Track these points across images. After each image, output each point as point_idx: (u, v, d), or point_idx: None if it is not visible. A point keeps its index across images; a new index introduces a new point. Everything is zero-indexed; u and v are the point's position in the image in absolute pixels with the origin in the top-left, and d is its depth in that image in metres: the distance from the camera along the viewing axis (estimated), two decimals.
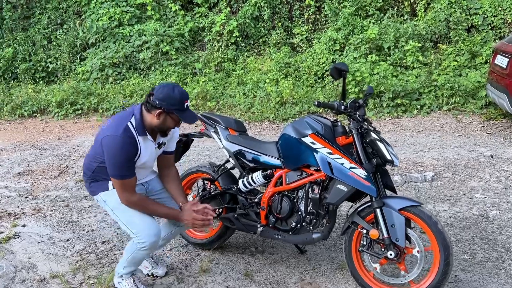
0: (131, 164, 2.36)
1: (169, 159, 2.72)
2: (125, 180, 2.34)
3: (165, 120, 2.37)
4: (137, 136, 2.36)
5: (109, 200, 2.48)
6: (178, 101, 2.32)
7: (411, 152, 5.11)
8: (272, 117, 7.22)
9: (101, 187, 2.50)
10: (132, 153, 2.35)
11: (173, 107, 2.31)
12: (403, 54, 7.81)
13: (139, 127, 2.37)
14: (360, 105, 2.53)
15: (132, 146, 2.34)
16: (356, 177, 2.34)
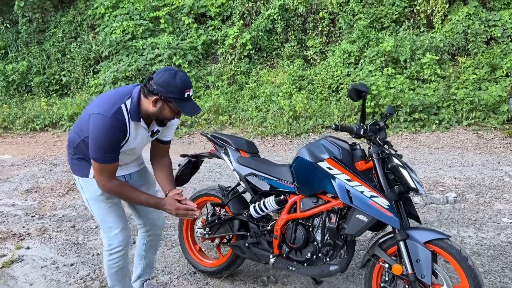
0: (115, 149, 2.15)
1: (163, 148, 2.51)
2: (106, 164, 2.14)
3: (162, 108, 2.13)
4: (129, 120, 2.14)
5: (86, 188, 2.31)
6: (179, 89, 2.07)
7: (430, 171, 4.88)
8: (285, 131, 7.06)
9: (81, 171, 2.30)
10: (118, 138, 2.14)
11: (171, 95, 2.07)
12: (420, 67, 7.61)
13: (133, 111, 2.15)
14: (381, 127, 2.35)
15: (120, 130, 2.12)
16: (377, 207, 2.15)
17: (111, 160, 2.14)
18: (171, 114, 2.16)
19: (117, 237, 2.32)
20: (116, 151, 2.16)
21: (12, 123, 8.33)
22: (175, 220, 3.95)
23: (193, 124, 7.79)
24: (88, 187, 2.29)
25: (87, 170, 2.27)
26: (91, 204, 2.33)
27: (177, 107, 2.10)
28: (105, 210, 2.32)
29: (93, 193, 2.28)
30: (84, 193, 2.33)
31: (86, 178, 2.28)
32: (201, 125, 7.77)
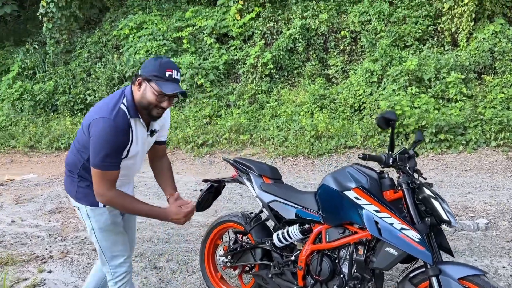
0: (118, 155, 2.06)
1: (161, 149, 2.47)
2: (108, 171, 2.03)
3: (145, 91, 2.05)
4: (129, 118, 2.07)
5: (95, 218, 2.21)
6: (158, 67, 2.02)
7: (459, 195, 4.71)
8: (307, 151, 6.97)
9: (89, 200, 2.19)
10: (123, 142, 2.06)
11: (152, 73, 2.02)
12: (445, 86, 7.45)
13: (131, 107, 2.08)
14: (410, 156, 2.27)
15: (125, 133, 2.05)
16: (408, 240, 2.05)
17: (113, 167, 2.05)
18: (153, 96, 2.05)
19: (122, 265, 2.28)
20: (119, 156, 2.07)
21: (38, 142, 8.50)
22: (195, 244, 3.90)
23: (214, 144, 7.79)
24: (97, 217, 2.21)
25: (95, 198, 2.15)
26: (99, 234, 2.23)
27: (157, 86, 2.02)
28: (113, 239, 2.25)
29: (103, 222, 2.21)
30: (92, 223, 2.23)
31: (95, 207, 2.20)
32: (222, 144, 7.76)
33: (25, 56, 11.20)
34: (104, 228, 2.22)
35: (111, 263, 2.28)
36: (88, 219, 2.23)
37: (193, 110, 8.79)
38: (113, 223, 2.24)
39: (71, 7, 10.79)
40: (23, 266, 3.61)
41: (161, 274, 3.39)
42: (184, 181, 6.14)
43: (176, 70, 2.07)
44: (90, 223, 2.23)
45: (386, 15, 9.00)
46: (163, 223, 4.51)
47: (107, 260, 2.28)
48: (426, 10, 8.79)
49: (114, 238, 2.26)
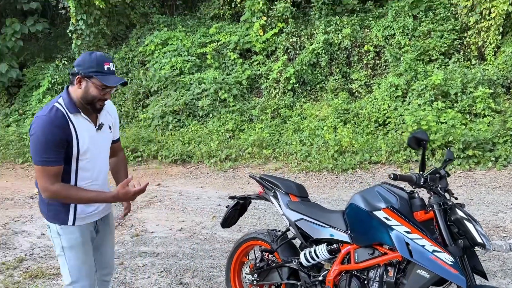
0: (56, 149, 2.06)
1: (117, 146, 2.51)
2: (47, 166, 2.05)
3: (87, 87, 2.10)
4: (68, 114, 2.11)
5: (65, 236, 2.20)
6: (95, 63, 2.09)
7: (489, 213, 4.59)
8: (331, 167, 6.93)
9: (59, 218, 2.20)
10: (58, 135, 2.06)
11: (90, 69, 2.08)
12: (472, 101, 7.32)
13: (68, 104, 2.12)
14: (442, 176, 2.23)
15: (59, 127, 2.06)
16: (440, 263, 2.01)
17: (53, 162, 2.06)
18: (97, 90, 2.11)
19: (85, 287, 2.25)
20: (57, 151, 2.07)
21: None
22: (220, 260, 3.91)
23: (237, 158, 7.82)
24: (68, 235, 2.21)
25: (65, 216, 2.19)
26: (68, 254, 2.22)
27: (99, 80, 2.09)
28: (83, 259, 2.24)
29: (74, 240, 2.20)
30: (61, 242, 2.21)
31: (65, 225, 2.20)
32: (245, 158, 7.79)
33: (54, 71, 11.55)
34: (73, 246, 2.22)
35: (76, 284, 2.24)
36: (58, 237, 2.22)
37: (217, 124, 8.87)
38: (83, 243, 2.24)
39: (99, 24, 11.13)
40: (52, 279, 3.68)
41: None
42: (208, 195, 6.17)
43: (112, 62, 2.16)
44: (60, 241, 2.22)
45: (411, 30, 8.95)
46: (188, 238, 4.54)
47: (72, 281, 2.24)
48: (451, 24, 8.70)
49: (84, 257, 2.24)
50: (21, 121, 10.93)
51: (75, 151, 2.13)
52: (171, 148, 8.23)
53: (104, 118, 2.31)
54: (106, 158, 2.36)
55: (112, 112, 2.42)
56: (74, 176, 2.18)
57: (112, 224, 2.54)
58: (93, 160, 2.23)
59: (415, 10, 9.22)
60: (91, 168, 2.23)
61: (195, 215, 5.28)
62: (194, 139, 8.51)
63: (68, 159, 2.14)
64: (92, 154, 2.21)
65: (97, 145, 2.24)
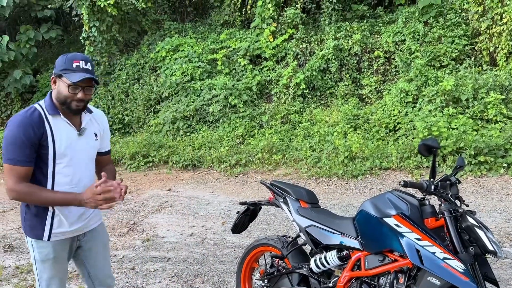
0: (25, 149, 2.02)
1: (106, 158, 2.44)
2: (15, 166, 2.02)
3: (59, 86, 2.09)
4: (46, 115, 2.09)
5: (38, 249, 2.19)
6: (65, 61, 2.08)
7: (501, 220, 4.55)
8: (341, 173, 6.92)
9: (34, 233, 2.17)
10: (30, 135, 2.02)
11: (60, 68, 2.08)
12: (483, 107, 7.27)
13: (48, 106, 2.12)
14: (453, 183, 2.23)
15: (33, 127, 2.03)
16: (451, 271, 2.01)
17: (22, 163, 2.03)
18: (66, 89, 2.08)
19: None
20: (27, 152, 2.03)
21: None
22: (230, 266, 3.93)
23: (247, 164, 7.85)
24: (40, 249, 2.19)
25: (40, 231, 2.16)
26: (39, 266, 2.22)
27: (66, 78, 2.07)
28: (51, 274, 2.22)
29: (45, 255, 2.19)
30: (34, 254, 2.22)
31: (39, 240, 2.17)
32: (255, 164, 7.81)
33: None
34: (44, 260, 2.21)
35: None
36: (32, 249, 2.23)
37: (227, 130, 8.92)
38: (55, 258, 2.22)
39: (112, 31, 11.28)
40: None
41: None
42: (218, 201, 6.21)
43: (84, 61, 2.10)
44: (33, 253, 2.23)
45: (421, 35, 8.94)
46: (198, 243, 4.57)
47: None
48: (462, 30, 8.67)
49: (52, 272, 2.22)
50: None
51: (51, 152, 2.09)
52: (181, 154, 8.29)
53: (89, 124, 2.27)
54: (88, 166, 2.27)
55: (101, 122, 2.38)
56: (51, 179, 2.13)
57: (104, 236, 2.47)
58: (72, 165, 2.16)
59: (425, 16, 9.20)
60: (70, 173, 2.16)
61: (206, 221, 5.31)
62: (204, 145, 8.56)
63: (44, 161, 2.10)
64: (70, 158, 2.15)
65: (77, 150, 2.18)
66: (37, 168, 2.10)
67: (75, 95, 2.09)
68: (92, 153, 2.30)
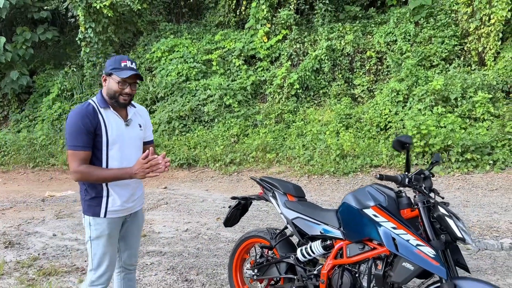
0: (84, 136, 2.35)
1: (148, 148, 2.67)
2: (76, 151, 2.35)
3: (109, 83, 2.44)
4: (99, 108, 2.43)
5: (94, 226, 2.46)
6: (114, 61, 2.44)
7: (484, 214, 4.73)
8: (333, 170, 7.10)
9: (92, 211, 2.46)
10: (87, 125, 2.35)
11: (110, 67, 2.43)
12: (471, 106, 7.47)
13: (100, 101, 2.46)
14: (426, 176, 2.40)
15: (89, 117, 2.37)
16: (423, 256, 2.18)
17: (82, 148, 2.35)
18: (116, 85, 2.42)
19: (104, 276, 2.49)
20: (86, 139, 2.35)
21: None
22: (224, 259, 4.09)
23: (241, 162, 8.01)
24: (97, 225, 2.45)
25: (98, 209, 2.44)
26: (94, 244, 2.47)
27: (116, 75, 2.40)
28: (104, 250, 2.47)
29: (100, 232, 2.45)
30: (90, 231, 2.47)
31: (97, 217, 2.45)
32: (249, 162, 7.98)
33: (64, 78, 11.86)
34: (100, 237, 2.46)
35: (96, 271, 2.49)
36: (89, 227, 2.48)
37: (222, 129, 9.08)
38: (109, 235, 2.48)
39: (107, 32, 11.42)
40: (64, 277, 3.88)
41: (191, 286, 3.59)
42: (213, 198, 6.37)
43: (130, 61, 2.46)
44: (89, 231, 2.48)
45: (412, 36, 9.12)
46: (193, 238, 4.73)
47: (93, 267, 2.50)
48: (452, 30, 8.86)
49: (105, 249, 2.48)
50: (31, 127, 11.23)
51: (105, 139, 2.41)
52: (177, 153, 8.44)
53: (134, 117, 2.59)
54: (135, 152, 2.56)
55: (143, 115, 2.70)
56: (105, 164, 2.43)
57: (142, 220, 2.77)
58: (121, 151, 2.47)
59: (416, 17, 9.39)
60: (120, 158, 2.47)
61: (200, 217, 5.48)
62: (199, 144, 8.72)
63: (98, 148, 2.41)
64: (120, 145, 2.47)
65: (125, 138, 2.50)
66: (93, 154, 2.42)
67: (123, 89, 2.43)
68: (138, 141, 2.63)
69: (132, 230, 2.67)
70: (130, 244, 2.70)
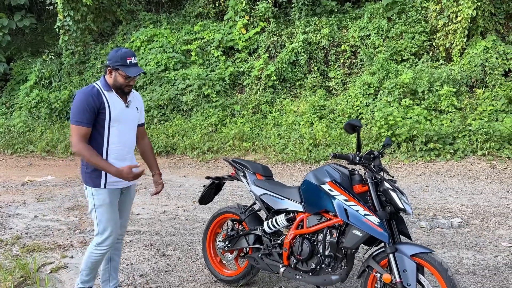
0: (87, 114, 2.63)
1: (142, 130, 3.10)
2: (80, 126, 2.63)
3: (116, 76, 2.71)
4: (103, 91, 2.71)
5: (97, 196, 2.76)
6: (120, 58, 2.69)
7: (440, 198, 5.15)
8: (305, 158, 7.45)
9: (93, 182, 2.76)
10: (92, 104, 2.64)
11: (117, 63, 2.69)
12: (437, 99, 7.90)
13: (103, 85, 2.74)
14: (375, 156, 2.74)
15: (94, 97, 2.65)
16: (370, 224, 2.52)
17: (84, 123, 2.63)
18: (122, 79, 2.72)
19: (109, 239, 2.81)
20: (87, 115, 2.63)
21: (54, 147, 9.07)
22: (199, 237, 4.38)
23: (219, 150, 8.29)
24: (99, 195, 2.76)
25: (98, 180, 2.75)
26: (98, 211, 2.78)
27: (123, 72, 2.69)
28: (108, 216, 2.78)
29: (103, 200, 2.76)
30: (94, 201, 2.77)
31: (98, 188, 2.76)
32: (226, 151, 8.26)
33: (41, 66, 11.84)
34: (102, 205, 2.77)
35: (102, 235, 2.80)
36: (92, 197, 2.79)
37: (200, 119, 9.31)
38: (110, 203, 2.79)
39: (86, 21, 11.45)
40: (48, 253, 4.10)
41: (168, 260, 3.87)
42: (190, 183, 6.63)
43: (134, 57, 2.75)
44: (93, 200, 2.79)
45: (385, 31, 9.50)
46: (170, 219, 5.00)
47: (99, 232, 2.81)
48: (422, 26, 9.27)
49: (108, 216, 2.79)
50: (9, 114, 11.21)
51: (107, 117, 2.72)
52: (156, 141, 8.65)
53: (132, 100, 2.90)
54: (132, 131, 2.91)
55: (139, 100, 3.02)
56: (107, 139, 2.75)
57: (133, 195, 3.08)
58: (121, 129, 2.79)
59: (389, 13, 9.77)
60: (119, 135, 2.79)
61: (178, 200, 5.74)
62: (178, 133, 8.94)
63: (101, 124, 2.71)
64: (120, 123, 2.79)
65: (125, 118, 2.81)
66: (96, 130, 2.73)
67: (129, 83, 2.77)
68: (135, 122, 2.95)
69: (125, 202, 2.99)
70: (122, 215, 2.99)
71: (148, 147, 3.17)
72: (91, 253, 2.87)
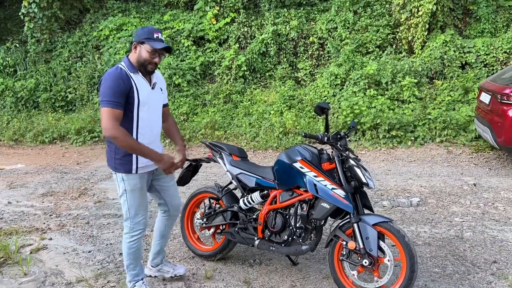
0: (120, 96, 2.57)
1: (166, 111, 3.07)
2: (112, 108, 2.55)
3: (141, 51, 2.67)
4: (129, 73, 2.66)
5: (128, 181, 2.75)
6: (147, 31, 2.68)
7: (401, 180, 5.54)
8: (276, 146, 7.71)
9: (125, 168, 2.73)
10: (121, 86, 2.58)
11: (143, 37, 2.67)
12: (400, 89, 8.32)
13: (129, 66, 2.69)
14: (342, 136, 3.01)
15: (123, 79, 2.60)
16: (337, 197, 2.79)
17: (116, 106, 2.56)
18: (147, 54, 2.68)
19: (140, 223, 2.88)
20: (120, 98, 2.58)
21: (22, 136, 8.93)
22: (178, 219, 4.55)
23: (191, 139, 8.43)
24: (130, 181, 2.76)
25: (129, 166, 2.74)
26: (129, 195, 2.78)
27: (149, 45, 2.67)
28: (139, 201, 2.81)
29: (133, 185, 2.77)
30: (125, 185, 2.77)
31: (129, 174, 2.75)
32: (198, 139, 8.41)
33: (5, 54, 11.53)
34: (134, 190, 2.79)
35: (133, 220, 2.84)
36: (123, 182, 2.78)
37: (171, 108, 9.39)
38: (141, 188, 2.82)
39: (52, 8, 11.21)
40: (26, 236, 4.18)
41: (146, 240, 4.03)
42: None
43: (160, 33, 2.73)
44: (124, 185, 2.78)
45: (351, 24, 9.84)
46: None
47: (130, 216, 2.84)
48: (386, 20, 9.68)
49: (139, 200, 2.82)
50: None
51: (136, 101, 2.69)
52: None
53: (157, 81, 2.86)
54: (159, 114, 2.90)
55: (162, 80, 2.99)
56: (136, 122, 2.72)
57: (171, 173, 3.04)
58: (149, 112, 2.77)
59: (355, 6, 10.11)
60: (148, 118, 2.77)
61: None
62: None
63: (130, 108, 2.67)
64: (149, 106, 2.76)
65: (152, 100, 2.79)
66: (125, 115, 2.66)
67: (153, 59, 2.70)
68: (160, 103, 2.93)
69: (166, 182, 3.04)
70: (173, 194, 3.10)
71: (173, 124, 3.15)
72: (128, 243, 2.87)
